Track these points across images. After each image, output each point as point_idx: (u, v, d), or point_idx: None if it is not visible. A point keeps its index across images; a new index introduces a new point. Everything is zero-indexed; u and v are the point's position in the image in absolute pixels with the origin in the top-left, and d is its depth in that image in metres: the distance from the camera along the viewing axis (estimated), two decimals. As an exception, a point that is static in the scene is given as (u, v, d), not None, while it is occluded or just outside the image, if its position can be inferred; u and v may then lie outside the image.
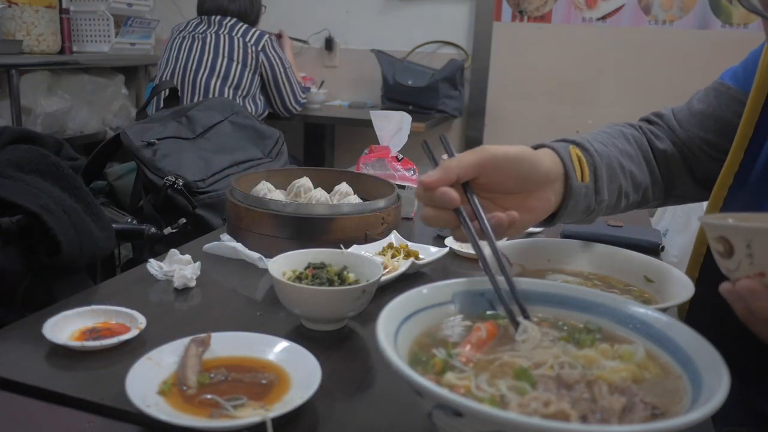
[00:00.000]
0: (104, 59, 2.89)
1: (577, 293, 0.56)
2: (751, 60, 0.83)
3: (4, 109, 2.37)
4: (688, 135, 0.87)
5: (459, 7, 3.10)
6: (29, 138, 1.04)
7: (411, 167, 1.20)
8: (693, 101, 0.89)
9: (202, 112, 1.71)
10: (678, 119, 0.89)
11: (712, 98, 0.87)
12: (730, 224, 0.46)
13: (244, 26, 2.51)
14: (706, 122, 0.86)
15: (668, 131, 0.89)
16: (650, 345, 0.50)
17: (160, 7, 3.33)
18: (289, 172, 1.16)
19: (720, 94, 0.86)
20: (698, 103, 0.88)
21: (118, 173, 1.75)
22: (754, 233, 0.45)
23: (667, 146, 0.87)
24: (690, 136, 0.87)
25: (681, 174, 0.88)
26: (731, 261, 0.47)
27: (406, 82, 2.90)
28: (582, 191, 0.70)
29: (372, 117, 1.22)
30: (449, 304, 0.55)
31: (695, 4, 2.80)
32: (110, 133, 2.74)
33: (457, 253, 0.97)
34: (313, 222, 0.94)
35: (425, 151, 0.64)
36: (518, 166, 0.62)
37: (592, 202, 0.73)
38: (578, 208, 0.71)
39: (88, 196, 0.95)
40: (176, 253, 0.86)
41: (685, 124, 0.88)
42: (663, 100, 3.06)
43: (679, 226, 1.95)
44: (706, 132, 0.86)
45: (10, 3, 2.51)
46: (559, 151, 0.69)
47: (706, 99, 0.87)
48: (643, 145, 0.86)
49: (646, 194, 0.85)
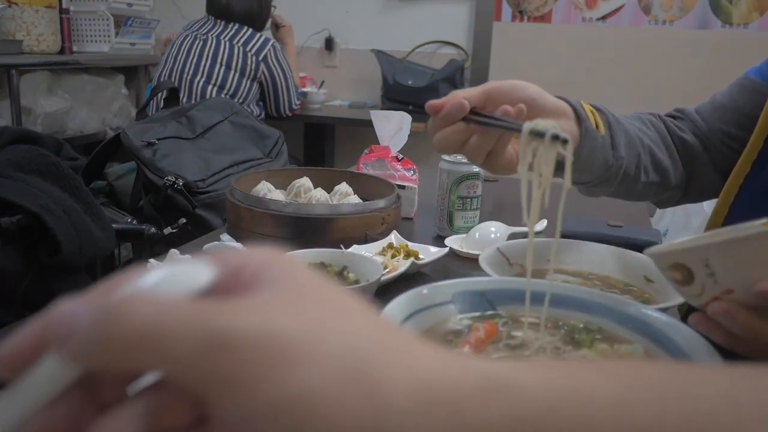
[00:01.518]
0: (104, 59, 2.89)
1: (577, 293, 0.56)
2: None
3: (4, 109, 2.37)
4: (710, 128, 0.87)
5: (459, 7, 3.10)
6: (29, 138, 1.05)
7: (411, 167, 1.20)
8: (716, 96, 0.89)
9: (202, 112, 1.71)
10: (700, 113, 0.89)
11: (735, 92, 0.87)
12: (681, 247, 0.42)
13: (248, 33, 2.46)
14: (728, 115, 0.86)
15: (690, 124, 0.89)
16: (650, 345, 0.50)
17: (160, 7, 3.33)
18: (289, 172, 1.16)
19: (743, 88, 0.86)
20: (721, 97, 0.88)
21: (118, 173, 1.75)
22: (708, 249, 0.41)
23: (690, 138, 0.86)
24: (712, 129, 0.87)
25: (703, 165, 0.87)
26: (694, 287, 0.43)
27: (406, 82, 2.90)
28: (598, 139, 0.70)
29: (372, 117, 1.22)
30: (449, 304, 0.55)
31: (695, 4, 2.80)
32: (110, 133, 2.74)
33: (457, 253, 0.97)
34: (313, 222, 0.94)
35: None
36: (524, 92, 0.63)
37: (609, 156, 0.72)
38: (595, 158, 0.71)
39: (88, 196, 0.95)
40: (176, 253, 0.86)
41: (707, 117, 0.88)
42: (663, 100, 3.05)
43: (679, 226, 1.95)
44: (727, 125, 0.86)
45: (10, 3, 2.51)
46: (567, 99, 0.70)
47: (728, 93, 0.88)
48: (662, 130, 0.86)
49: (667, 177, 0.84)
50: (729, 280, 0.41)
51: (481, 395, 0.23)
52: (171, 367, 0.23)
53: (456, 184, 1.04)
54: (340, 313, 0.25)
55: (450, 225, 1.05)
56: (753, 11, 2.73)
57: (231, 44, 2.42)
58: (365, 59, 3.11)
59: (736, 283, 0.41)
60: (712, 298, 0.43)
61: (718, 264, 0.40)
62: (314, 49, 3.32)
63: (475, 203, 1.05)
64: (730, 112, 0.86)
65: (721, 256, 0.40)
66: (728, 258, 0.40)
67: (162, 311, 0.23)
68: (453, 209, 1.04)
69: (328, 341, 0.23)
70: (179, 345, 0.22)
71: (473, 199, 1.05)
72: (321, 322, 0.24)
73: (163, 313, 0.23)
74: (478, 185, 1.05)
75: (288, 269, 0.26)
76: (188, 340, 0.22)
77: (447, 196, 1.05)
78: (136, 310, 0.23)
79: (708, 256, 0.41)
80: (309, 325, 0.23)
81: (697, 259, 0.41)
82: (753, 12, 2.73)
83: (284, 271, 0.26)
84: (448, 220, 1.05)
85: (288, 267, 0.26)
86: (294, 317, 0.23)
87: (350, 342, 0.24)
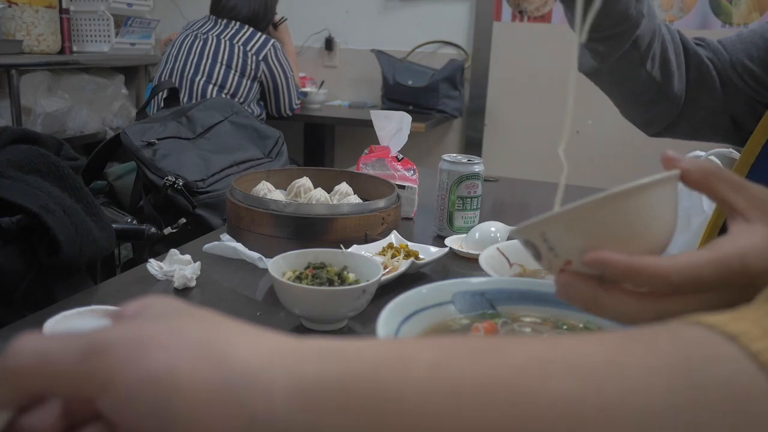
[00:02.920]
0: (104, 59, 2.89)
1: (577, 293, 0.56)
2: None
3: (4, 109, 2.37)
4: (731, 59, 0.82)
5: (459, 7, 3.10)
6: (29, 138, 1.04)
7: (411, 167, 1.20)
8: (743, 31, 0.85)
9: (202, 112, 1.71)
10: (723, 44, 0.84)
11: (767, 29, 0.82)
12: (524, 224, 0.42)
13: (249, 32, 2.46)
14: (754, 51, 0.81)
15: (710, 52, 0.84)
16: (650, 345, 0.50)
17: (160, 7, 3.33)
18: (289, 172, 1.16)
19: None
20: (750, 32, 0.83)
21: (118, 173, 1.75)
22: (542, 225, 0.41)
23: (706, 59, 0.82)
24: (733, 60, 0.82)
25: (709, 90, 0.83)
26: (543, 262, 0.43)
27: (406, 82, 2.90)
28: None
29: (372, 117, 1.22)
30: (449, 304, 0.55)
31: (695, 4, 2.80)
32: (110, 133, 2.74)
33: (457, 253, 0.97)
34: (313, 222, 0.94)
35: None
36: None
37: (632, 5, 0.71)
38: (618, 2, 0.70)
39: (88, 196, 0.95)
40: (176, 253, 0.86)
41: (731, 48, 0.83)
42: (663, 100, 3.01)
43: (679, 226, 1.94)
44: (752, 61, 0.81)
45: (10, 3, 2.51)
46: None
47: (760, 30, 0.83)
48: (677, 39, 0.83)
49: (670, 81, 0.81)
50: (565, 252, 0.41)
51: (320, 355, 0.27)
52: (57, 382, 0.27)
53: (456, 184, 1.04)
54: (196, 319, 0.29)
55: (450, 225, 1.05)
56: (753, 11, 2.73)
57: (231, 44, 2.42)
58: (365, 59, 3.11)
59: (571, 254, 0.41)
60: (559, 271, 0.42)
61: (554, 237, 0.41)
62: (314, 49, 3.32)
63: (475, 203, 1.05)
64: (756, 49, 0.81)
65: (554, 229, 0.41)
66: (560, 231, 0.41)
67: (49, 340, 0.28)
68: (453, 209, 1.05)
69: (183, 333, 0.27)
70: (64, 359, 0.27)
71: (473, 199, 1.05)
72: (179, 324, 0.28)
73: (50, 340, 0.28)
74: (478, 185, 1.05)
75: (161, 302, 0.31)
76: (71, 352, 0.27)
77: (447, 196, 1.05)
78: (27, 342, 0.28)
79: (544, 230, 0.41)
80: (169, 327, 0.28)
81: (537, 234, 0.41)
82: (753, 12, 2.73)
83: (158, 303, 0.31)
84: (448, 220, 1.05)
85: (161, 300, 0.31)
86: (157, 325, 0.28)
87: (201, 333, 0.28)
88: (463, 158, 1.05)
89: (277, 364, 0.26)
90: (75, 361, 0.27)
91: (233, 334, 0.28)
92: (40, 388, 0.27)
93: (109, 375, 0.26)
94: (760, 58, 0.81)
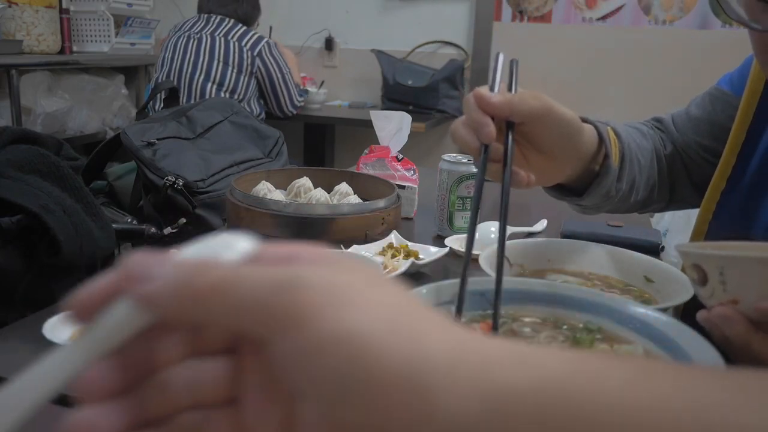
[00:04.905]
0: (104, 59, 2.89)
1: (577, 293, 0.56)
2: (746, 65, 0.83)
3: (4, 109, 2.37)
4: (685, 140, 0.88)
5: (459, 7, 3.10)
6: (29, 138, 1.04)
7: (411, 167, 1.20)
8: (691, 106, 0.90)
9: (202, 112, 1.71)
10: (676, 124, 0.89)
11: (708, 103, 0.87)
12: (704, 252, 0.47)
13: (242, 29, 2.48)
14: (702, 127, 0.86)
15: (669, 137, 0.90)
16: (650, 345, 0.50)
17: (160, 7, 3.33)
18: (289, 172, 1.16)
19: (715, 99, 0.86)
20: (695, 108, 0.89)
21: (118, 173, 1.75)
22: (726, 261, 0.45)
23: (670, 151, 0.87)
24: (687, 141, 0.87)
25: (681, 177, 0.88)
26: (705, 289, 0.48)
27: (406, 82, 2.90)
28: (611, 174, 0.71)
29: (372, 117, 1.22)
30: (449, 304, 0.55)
31: (695, 4, 2.80)
32: (110, 133, 2.74)
33: (457, 253, 0.97)
34: (313, 222, 0.94)
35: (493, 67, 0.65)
36: (566, 132, 0.62)
37: (612, 188, 0.73)
38: (601, 190, 0.72)
39: (88, 196, 0.95)
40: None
41: (683, 129, 0.88)
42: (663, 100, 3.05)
43: (679, 226, 1.95)
44: (702, 137, 0.86)
45: (10, 3, 2.51)
46: (600, 131, 0.70)
47: (702, 104, 0.88)
48: (657, 144, 0.87)
49: (653, 192, 0.85)
50: (737, 291, 0.45)
51: (509, 360, 0.26)
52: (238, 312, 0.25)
53: (456, 184, 1.04)
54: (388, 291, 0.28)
55: (450, 225, 1.05)
56: (753, 11, 2.72)
57: (226, 40, 2.44)
58: (365, 59, 3.11)
59: (742, 296, 0.45)
60: (719, 303, 0.47)
61: (731, 275, 0.45)
62: (314, 49, 3.32)
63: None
64: (703, 123, 0.86)
65: (735, 269, 0.45)
66: (741, 273, 0.45)
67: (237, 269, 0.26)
68: (453, 209, 1.04)
69: (377, 295, 0.26)
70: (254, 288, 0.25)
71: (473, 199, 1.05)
72: (370, 283, 0.27)
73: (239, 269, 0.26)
74: (478, 185, 1.05)
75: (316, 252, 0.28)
76: (262, 283, 0.25)
77: (447, 196, 1.05)
78: (212, 268, 0.26)
79: (724, 265, 0.45)
80: (362, 282, 0.27)
81: (715, 266, 0.46)
82: (753, 12, 2.72)
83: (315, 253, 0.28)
84: (448, 220, 1.05)
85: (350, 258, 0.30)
86: (350, 276, 0.27)
87: (395, 308, 0.26)
88: (463, 158, 1.05)
89: (464, 361, 0.26)
90: (265, 293, 0.25)
91: (422, 317, 0.27)
92: (216, 314, 0.26)
93: (301, 316, 0.25)
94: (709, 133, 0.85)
